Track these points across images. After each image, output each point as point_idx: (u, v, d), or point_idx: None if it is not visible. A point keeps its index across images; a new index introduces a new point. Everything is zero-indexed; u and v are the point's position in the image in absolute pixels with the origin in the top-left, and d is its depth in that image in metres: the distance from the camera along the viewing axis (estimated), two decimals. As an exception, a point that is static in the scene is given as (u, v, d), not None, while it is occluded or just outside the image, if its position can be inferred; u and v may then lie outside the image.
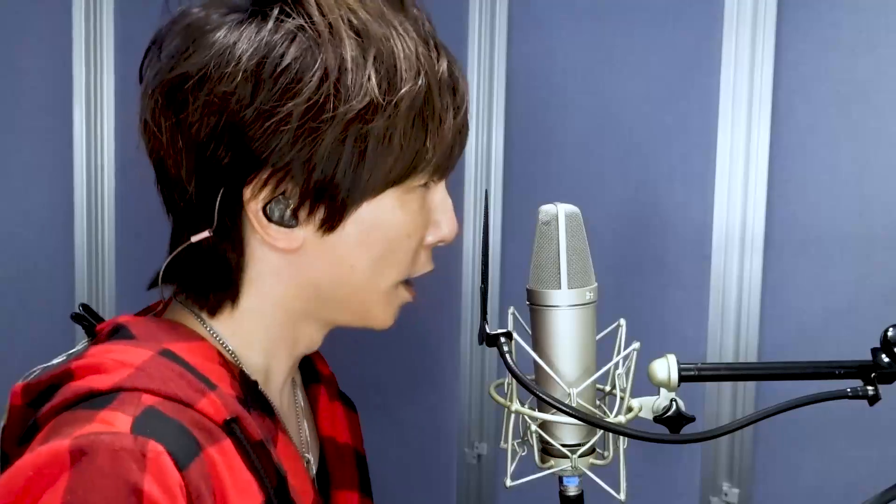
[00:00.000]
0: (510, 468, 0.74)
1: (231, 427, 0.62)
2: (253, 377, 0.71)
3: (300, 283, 0.70)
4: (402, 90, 0.65)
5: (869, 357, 0.71)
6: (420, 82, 0.66)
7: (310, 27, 0.64)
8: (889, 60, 1.01)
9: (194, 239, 0.68)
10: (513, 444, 0.75)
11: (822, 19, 1.05)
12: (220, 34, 0.65)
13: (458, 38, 1.32)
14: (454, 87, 0.70)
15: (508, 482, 0.74)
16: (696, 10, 1.13)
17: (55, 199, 1.57)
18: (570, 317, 0.72)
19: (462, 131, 0.72)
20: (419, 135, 0.67)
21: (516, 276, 1.30)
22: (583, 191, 1.23)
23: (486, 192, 1.31)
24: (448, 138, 0.69)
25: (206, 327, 0.71)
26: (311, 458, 0.80)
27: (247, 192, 0.66)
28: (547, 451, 0.74)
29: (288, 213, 0.67)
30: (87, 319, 0.73)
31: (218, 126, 0.64)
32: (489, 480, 1.37)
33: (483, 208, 0.76)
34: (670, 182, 1.16)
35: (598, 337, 0.76)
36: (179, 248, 0.69)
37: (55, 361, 0.68)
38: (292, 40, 0.64)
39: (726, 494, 1.14)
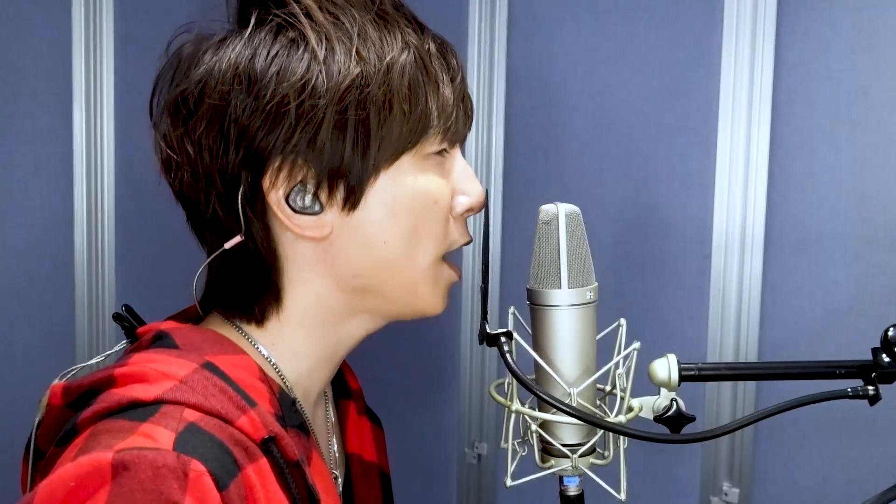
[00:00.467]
0: (510, 468, 0.74)
1: (268, 446, 0.62)
2: (292, 393, 0.71)
3: (339, 272, 0.70)
4: (392, 56, 0.66)
5: (869, 357, 0.71)
6: (409, 52, 0.68)
7: (291, 19, 0.66)
8: (889, 60, 1.01)
9: (227, 245, 0.68)
10: (513, 444, 0.75)
11: (822, 19, 1.05)
12: (211, 49, 0.68)
13: (458, 38, 1.32)
14: (445, 60, 0.71)
15: (509, 482, 0.74)
16: (696, 10, 1.13)
17: (55, 200, 1.57)
18: (570, 316, 0.72)
19: (465, 101, 0.72)
20: (419, 97, 0.68)
21: (516, 276, 1.30)
22: (583, 191, 1.23)
23: (487, 192, 1.31)
24: (450, 101, 0.70)
25: (247, 339, 0.71)
26: (338, 474, 0.80)
27: (265, 183, 0.66)
28: (547, 450, 0.74)
29: (309, 198, 0.67)
30: (129, 320, 0.72)
31: (224, 127, 0.66)
32: (489, 480, 1.37)
33: (483, 208, 0.76)
34: (670, 182, 1.17)
35: (598, 337, 0.75)
36: (212, 256, 0.70)
37: (93, 361, 0.69)
38: (276, 35, 0.66)
39: (726, 494, 1.14)
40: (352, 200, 0.68)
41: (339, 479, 0.80)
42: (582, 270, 0.72)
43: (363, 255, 0.69)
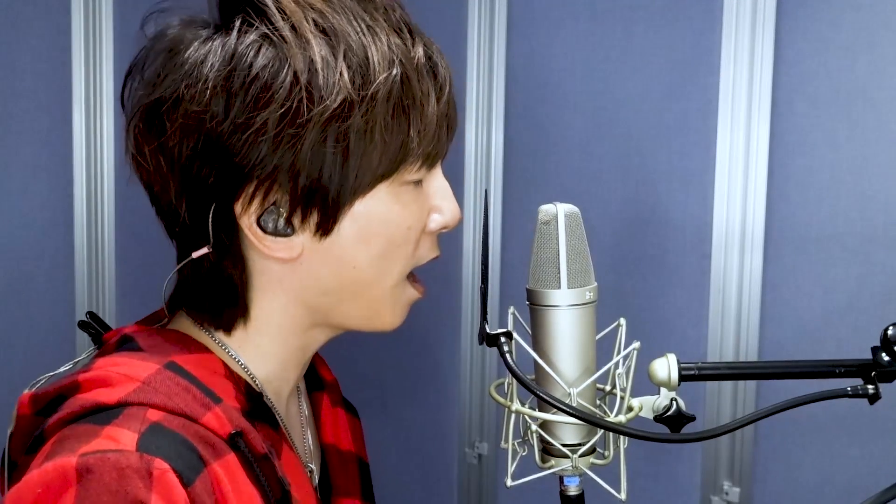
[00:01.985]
0: (511, 468, 0.74)
1: (235, 441, 0.62)
2: (259, 388, 0.71)
3: (306, 289, 0.70)
4: (377, 82, 0.64)
5: (869, 356, 0.71)
6: (395, 72, 0.65)
7: (274, 34, 0.63)
8: (888, 59, 1.01)
9: (195, 255, 0.67)
10: (513, 444, 0.75)
11: (821, 18, 1.05)
12: (190, 52, 0.64)
13: (458, 38, 1.32)
14: (433, 72, 0.69)
15: (509, 482, 0.74)
16: (695, 10, 1.13)
17: (55, 200, 1.57)
18: (569, 316, 0.72)
19: (449, 115, 0.70)
20: (401, 125, 0.66)
21: (516, 276, 1.30)
22: (583, 191, 1.23)
23: (486, 192, 1.31)
24: (433, 125, 0.68)
25: (213, 339, 0.71)
26: (314, 467, 0.80)
27: (237, 208, 0.65)
28: (547, 450, 0.74)
29: (282, 222, 0.66)
30: (94, 327, 0.73)
31: (198, 145, 0.64)
32: (490, 480, 1.37)
33: (483, 208, 0.76)
34: (670, 182, 1.17)
35: (598, 337, 0.75)
36: (181, 265, 0.69)
37: (61, 370, 0.69)
38: (258, 49, 0.63)
39: (727, 493, 1.14)
40: (325, 227, 0.67)
41: (316, 471, 0.80)
42: (581, 270, 0.72)
43: (332, 277, 0.69)
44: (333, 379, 0.89)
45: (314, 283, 0.70)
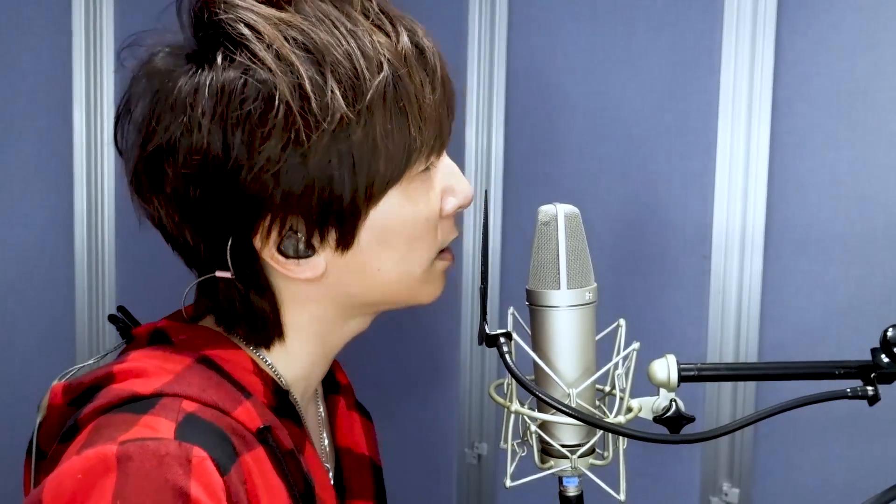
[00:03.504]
0: (510, 468, 0.74)
1: (264, 435, 0.63)
2: (286, 386, 0.72)
3: (335, 299, 0.71)
4: (370, 91, 0.62)
5: (868, 357, 0.71)
6: (385, 73, 0.63)
7: (256, 63, 0.61)
8: (889, 60, 1.01)
9: (219, 274, 0.67)
10: (513, 445, 0.75)
11: (822, 19, 1.05)
12: (177, 93, 0.63)
13: (458, 38, 1.32)
14: (423, 57, 0.67)
15: (508, 482, 0.74)
16: (695, 10, 1.13)
17: (55, 200, 1.57)
18: (569, 317, 0.72)
19: (447, 97, 0.69)
20: (402, 127, 0.65)
21: (516, 276, 1.30)
22: (583, 191, 1.23)
23: (486, 192, 1.31)
24: (433, 116, 0.67)
25: (242, 339, 0.71)
26: (329, 467, 0.80)
27: (257, 242, 0.65)
28: (547, 451, 0.74)
29: (301, 245, 0.66)
30: (123, 321, 0.73)
31: (205, 188, 0.63)
32: (489, 480, 1.37)
33: (483, 208, 0.76)
34: (670, 182, 1.16)
35: (597, 337, 0.75)
36: (202, 278, 0.69)
37: (91, 361, 0.70)
38: (245, 83, 0.61)
39: (726, 494, 1.14)
40: (344, 241, 0.67)
41: (331, 473, 0.80)
42: (581, 271, 0.72)
43: (359, 284, 0.70)
44: (348, 382, 0.89)
45: (344, 293, 0.70)
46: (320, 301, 0.71)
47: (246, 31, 0.62)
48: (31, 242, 1.56)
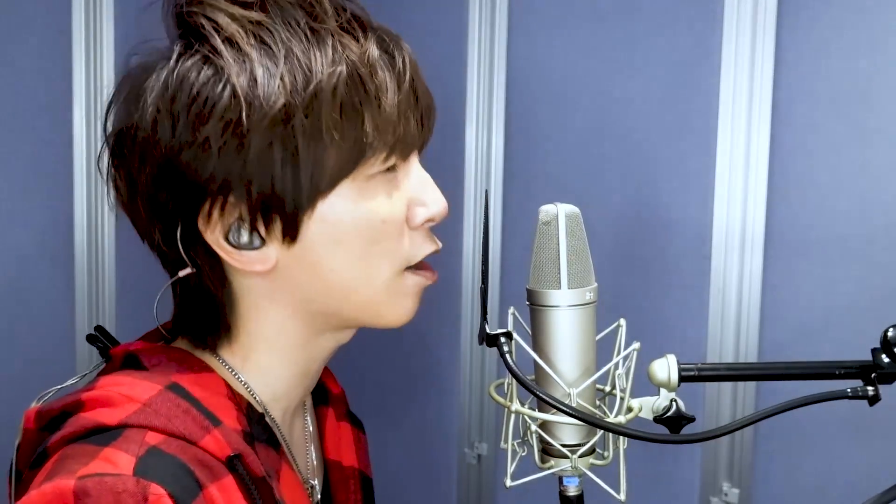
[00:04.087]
0: (510, 468, 0.74)
1: (233, 464, 0.63)
2: (262, 408, 0.71)
3: (292, 299, 0.70)
4: (319, 83, 0.63)
5: (869, 357, 0.71)
6: (339, 69, 0.64)
7: (213, 54, 0.64)
8: (889, 60, 1.01)
9: (181, 274, 0.68)
10: (513, 445, 0.75)
11: (822, 20, 1.05)
12: (147, 83, 0.66)
13: (458, 38, 1.32)
14: (390, 64, 0.67)
15: (508, 482, 0.74)
16: (695, 11, 1.13)
17: (55, 200, 1.57)
18: (569, 317, 0.72)
19: (417, 103, 0.69)
20: (353, 121, 0.64)
21: (516, 276, 1.30)
22: (583, 191, 1.24)
23: (486, 192, 1.31)
24: (393, 117, 0.66)
25: (217, 358, 0.71)
26: (317, 482, 0.80)
27: (200, 224, 0.66)
28: (547, 451, 0.74)
29: (246, 234, 0.66)
30: (102, 341, 0.73)
31: (154, 169, 0.65)
32: (489, 480, 1.37)
33: (483, 208, 0.76)
34: (670, 182, 1.16)
35: (598, 337, 0.75)
36: (169, 283, 0.70)
37: (69, 382, 0.70)
38: (199, 71, 0.64)
39: (726, 494, 1.14)
40: (290, 233, 0.66)
41: (318, 487, 0.80)
42: (581, 271, 0.72)
43: (312, 283, 0.69)
44: (340, 391, 0.88)
45: (298, 292, 0.69)
46: (278, 303, 0.70)
47: (208, 26, 0.65)
48: (31, 243, 1.56)
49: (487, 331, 0.71)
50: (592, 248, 0.74)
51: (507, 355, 0.69)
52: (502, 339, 0.70)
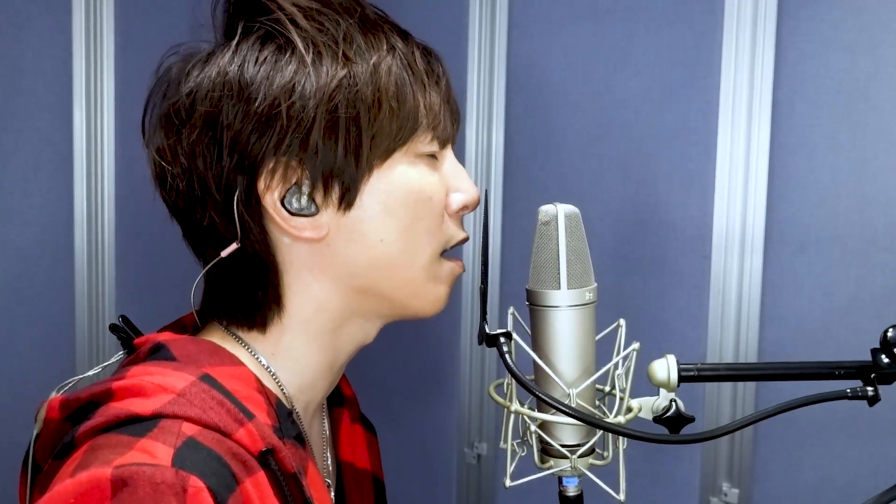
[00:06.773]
0: (510, 468, 0.74)
1: (266, 459, 0.62)
2: (290, 404, 0.71)
3: (337, 274, 0.71)
4: (379, 55, 0.68)
5: (868, 357, 0.71)
6: (394, 54, 0.69)
7: (277, 27, 0.68)
8: (889, 60, 1.01)
9: (224, 253, 0.69)
10: (512, 445, 0.75)
11: (822, 19, 1.05)
12: (202, 63, 0.69)
13: (458, 38, 1.32)
14: (430, 66, 0.73)
15: (508, 482, 0.74)
16: (696, 10, 1.13)
17: (55, 200, 1.57)
18: (569, 317, 0.72)
19: (451, 103, 0.74)
20: (407, 95, 0.69)
21: (516, 276, 1.30)
22: (583, 191, 1.23)
23: (486, 192, 1.31)
24: (437, 103, 0.71)
25: (246, 349, 0.71)
26: (331, 483, 0.80)
27: (260, 186, 0.67)
28: (546, 451, 0.74)
29: (304, 200, 0.68)
30: (125, 331, 0.72)
31: (216, 134, 0.66)
32: (489, 480, 1.37)
33: (483, 208, 0.76)
34: (670, 182, 1.16)
35: (597, 337, 0.75)
36: (210, 265, 0.70)
37: (90, 373, 0.70)
38: (263, 42, 0.68)
39: (726, 494, 1.14)
40: (347, 200, 0.68)
41: (332, 488, 0.80)
42: (581, 271, 0.72)
43: (360, 254, 0.70)
44: (353, 394, 0.88)
45: (344, 265, 0.70)
46: (320, 276, 0.70)
47: (270, 5, 0.69)
48: (31, 242, 1.56)
49: (487, 331, 0.71)
50: (592, 248, 0.74)
51: (507, 355, 0.69)
52: (502, 340, 0.70)
